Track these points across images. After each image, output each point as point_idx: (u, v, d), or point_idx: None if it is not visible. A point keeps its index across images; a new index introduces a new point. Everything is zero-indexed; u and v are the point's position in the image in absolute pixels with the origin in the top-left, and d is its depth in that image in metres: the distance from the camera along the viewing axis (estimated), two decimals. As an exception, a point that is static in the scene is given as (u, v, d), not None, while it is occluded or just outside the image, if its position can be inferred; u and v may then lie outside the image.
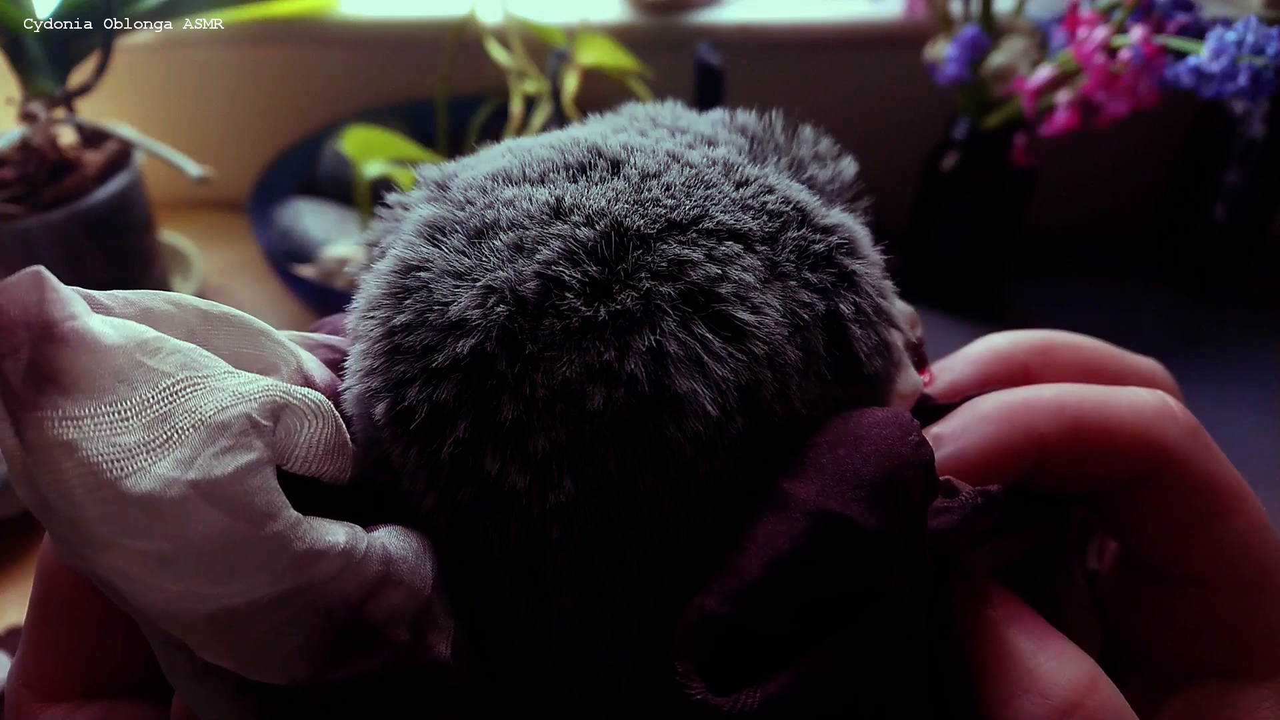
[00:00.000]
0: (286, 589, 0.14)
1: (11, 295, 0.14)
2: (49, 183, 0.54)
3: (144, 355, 0.14)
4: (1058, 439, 0.18)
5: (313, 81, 0.72)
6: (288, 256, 0.59)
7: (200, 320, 0.16)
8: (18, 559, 0.49)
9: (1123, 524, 0.19)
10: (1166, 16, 0.48)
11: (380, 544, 0.16)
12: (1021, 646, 0.17)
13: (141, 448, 0.13)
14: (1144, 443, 0.17)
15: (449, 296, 0.17)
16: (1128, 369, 0.21)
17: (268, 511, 0.14)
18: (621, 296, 0.17)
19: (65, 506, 0.13)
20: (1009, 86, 0.54)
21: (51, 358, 0.13)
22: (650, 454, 0.16)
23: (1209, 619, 0.18)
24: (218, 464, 0.14)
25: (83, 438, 0.13)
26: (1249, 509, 0.18)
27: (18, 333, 0.13)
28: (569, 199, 0.18)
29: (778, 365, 0.17)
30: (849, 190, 0.22)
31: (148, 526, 0.13)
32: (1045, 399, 0.18)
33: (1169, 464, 0.17)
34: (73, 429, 0.13)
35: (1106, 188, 0.73)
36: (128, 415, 0.14)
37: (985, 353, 0.21)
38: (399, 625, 0.15)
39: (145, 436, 0.13)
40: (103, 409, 0.13)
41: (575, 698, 0.18)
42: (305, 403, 0.16)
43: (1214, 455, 0.18)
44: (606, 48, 0.59)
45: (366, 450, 0.18)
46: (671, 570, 0.17)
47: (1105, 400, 0.18)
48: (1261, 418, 0.59)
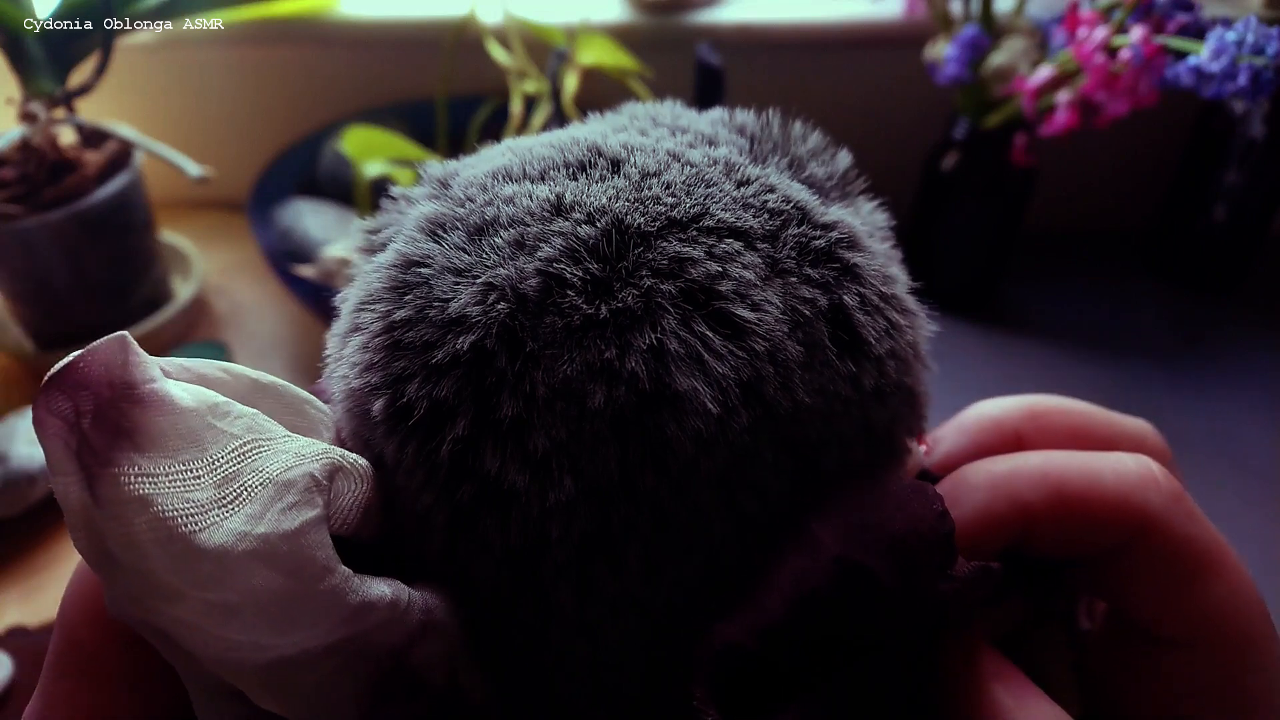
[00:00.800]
0: (338, 639, 0.15)
1: (96, 357, 0.14)
2: (49, 183, 0.54)
3: (215, 418, 0.15)
4: (1043, 507, 0.18)
5: (313, 81, 0.72)
6: (288, 256, 0.59)
7: (250, 388, 0.17)
8: (18, 559, 0.49)
9: (1108, 586, 0.19)
10: (1166, 16, 0.48)
11: (420, 596, 0.16)
12: (1003, 702, 0.17)
13: (213, 504, 0.14)
14: (1126, 509, 0.18)
15: (449, 293, 0.17)
16: (1117, 432, 0.22)
17: (327, 566, 0.15)
18: (623, 294, 0.17)
19: (134, 559, 0.13)
20: (1009, 86, 0.54)
21: (131, 417, 0.14)
22: (651, 453, 0.16)
23: (1192, 681, 0.19)
24: (284, 519, 0.14)
25: (157, 494, 0.14)
26: (1231, 573, 0.18)
27: (100, 392, 0.14)
28: (570, 196, 0.18)
29: (779, 360, 0.17)
30: (847, 183, 0.22)
31: (219, 579, 0.14)
32: (1030, 467, 0.19)
33: (1151, 529, 0.18)
34: (148, 485, 0.14)
35: (1106, 188, 0.73)
36: (200, 474, 0.14)
37: (977, 422, 0.22)
38: (437, 672, 0.16)
39: (216, 494, 0.14)
40: (176, 467, 0.14)
41: (575, 696, 0.18)
42: (355, 466, 0.17)
43: (1196, 520, 0.18)
44: (606, 48, 0.59)
45: (358, 449, 0.18)
46: (672, 569, 0.17)
47: (1089, 468, 0.19)
48: (1261, 418, 0.59)
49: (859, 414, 0.18)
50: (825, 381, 0.18)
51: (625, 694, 0.18)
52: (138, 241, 0.59)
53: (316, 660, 0.15)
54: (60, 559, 0.49)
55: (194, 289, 0.64)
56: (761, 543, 0.17)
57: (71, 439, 0.14)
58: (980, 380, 0.60)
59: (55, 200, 0.54)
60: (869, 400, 0.18)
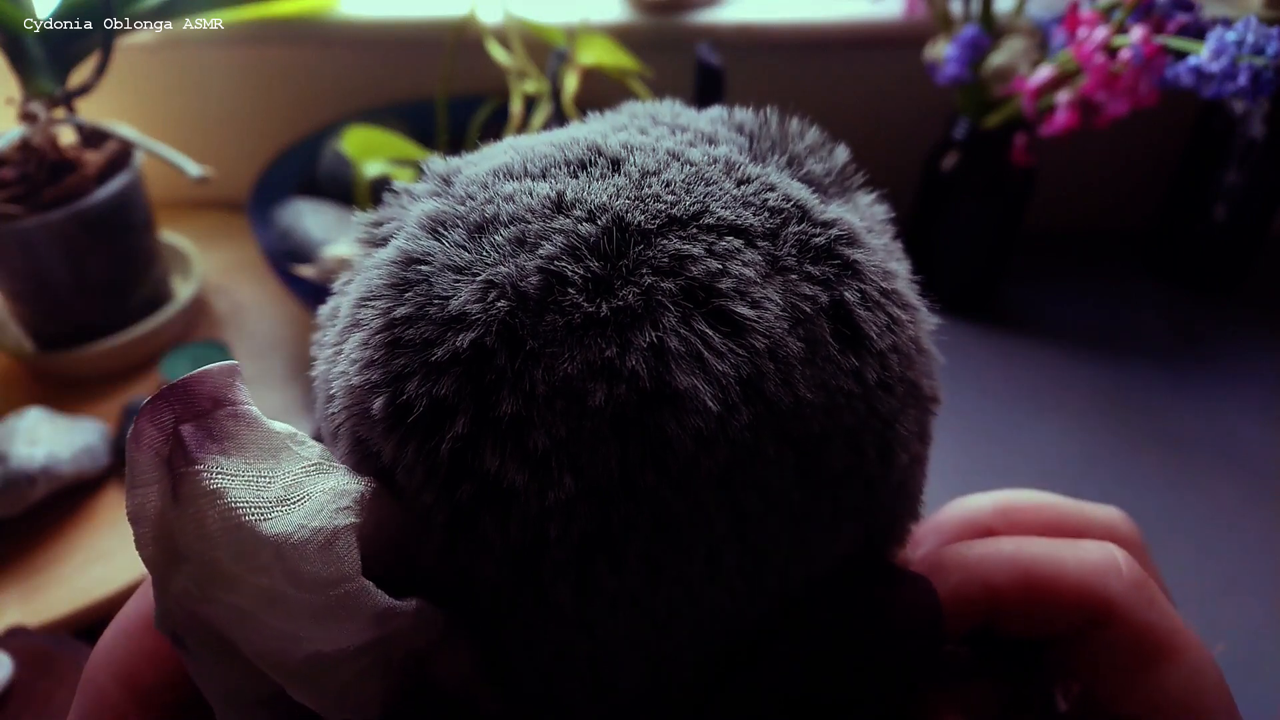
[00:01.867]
0: (368, 640, 0.16)
1: (209, 375, 0.17)
2: (49, 183, 0.54)
3: (294, 444, 0.17)
4: (1010, 590, 0.20)
5: (313, 81, 0.72)
6: (288, 256, 0.59)
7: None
8: (18, 559, 0.49)
9: (1075, 667, 0.20)
10: (1166, 16, 0.48)
11: (443, 612, 0.18)
12: None
13: (279, 502, 0.16)
14: (1088, 594, 0.19)
15: (449, 290, 0.17)
16: (1088, 521, 0.23)
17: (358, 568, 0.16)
18: (623, 292, 0.17)
19: (203, 548, 0.15)
20: (1009, 86, 0.54)
21: (226, 428, 0.16)
22: (651, 451, 0.16)
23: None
24: (337, 518, 0.16)
25: (230, 487, 0.16)
26: (1192, 658, 0.19)
27: (203, 404, 0.16)
28: (570, 194, 0.18)
29: (779, 357, 0.17)
30: (845, 179, 0.22)
31: (273, 564, 0.15)
32: (1000, 553, 0.20)
33: (1112, 614, 0.19)
34: (225, 480, 0.16)
35: (1106, 188, 0.73)
36: (272, 480, 0.16)
37: (953, 521, 0.24)
38: (456, 682, 0.18)
39: (283, 494, 0.16)
40: (253, 472, 0.16)
41: (574, 693, 0.18)
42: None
43: (1157, 606, 0.19)
44: (606, 48, 0.59)
45: (354, 447, 0.18)
46: (673, 568, 0.17)
47: (1054, 554, 0.20)
48: (1261, 418, 0.59)
49: (863, 408, 0.18)
50: (827, 377, 0.18)
51: (624, 690, 0.18)
52: (138, 241, 0.59)
53: (348, 659, 0.16)
54: (60, 559, 0.49)
55: (194, 289, 0.64)
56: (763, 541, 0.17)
57: (165, 447, 0.16)
58: (980, 380, 0.60)
59: (55, 200, 0.54)
60: (873, 394, 0.18)
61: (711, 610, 0.18)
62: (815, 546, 0.18)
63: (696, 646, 0.18)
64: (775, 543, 0.18)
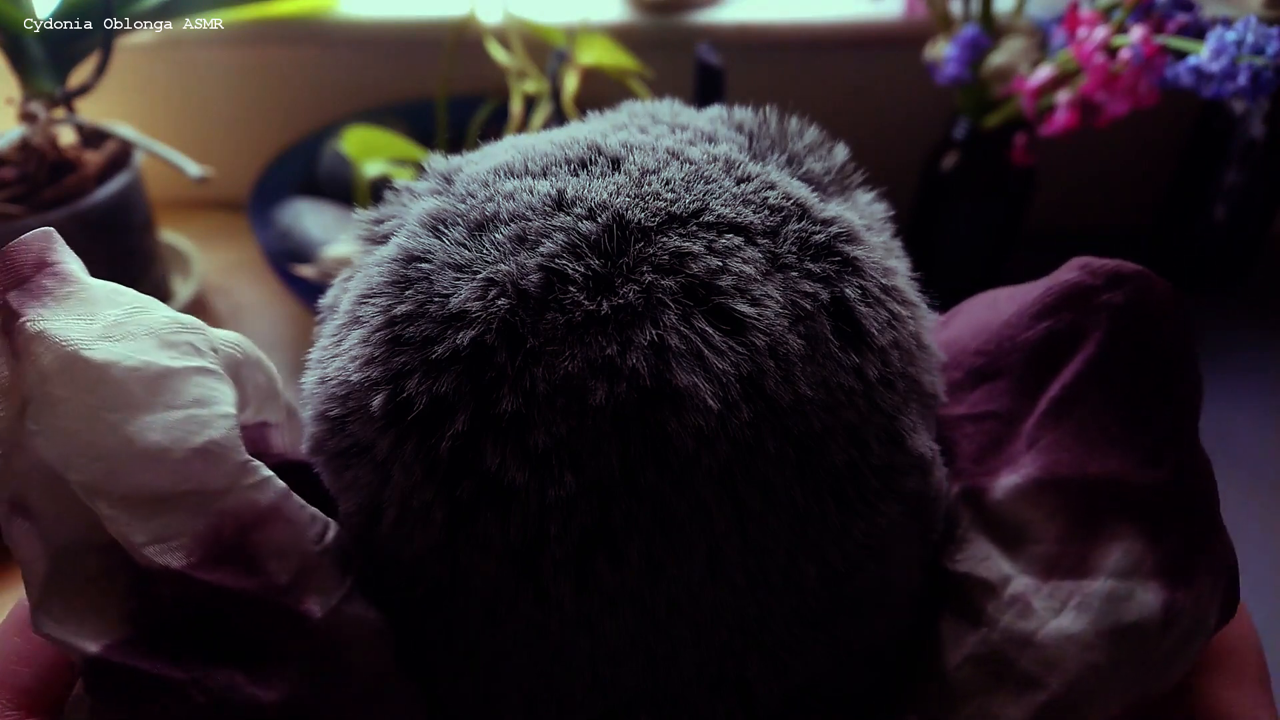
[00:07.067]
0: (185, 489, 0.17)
1: (28, 240, 0.19)
2: (49, 183, 0.54)
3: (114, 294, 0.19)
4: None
5: (313, 81, 0.72)
6: (288, 256, 0.59)
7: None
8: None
9: None
10: (1166, 16, 0.48)
11: (281, 483, 0.18)
12: None
13: (102, 336, 0.17)
14: None
15: (449, 289, 0.17)
16: None
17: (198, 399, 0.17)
18: (624, 290, 0.17)
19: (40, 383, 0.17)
20: (1009, 86, 0.54)
21: (44, 284, 0.18)
22: (651, 449, 0.16)
23: None
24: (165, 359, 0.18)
25: (52, 328, 0.17)
26: None
27: (26, 271, 0.18)
28: (571, 192, 0.18)
29: (780, 354, 0.17)
30: (845, 177, 0.22)
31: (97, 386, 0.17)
32: None
33: None
34: (46, 323, 0.17)
35: (1106, 188, 0.73)
36: (94, 320, 0.18)
37: None
38: (279, 567, 0.18)
39: (105, 331, 0.18)
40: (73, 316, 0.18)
41: (573, 688, 0.18)
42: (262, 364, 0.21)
43: None
44: (606, 48, 0.59)
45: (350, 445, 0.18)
46: (673, 565, 0.17)
47: None
48: (1262, 417, 0.59)
49: (865, 404, 0.18)
50: (828, 374, 0.18)
51: (623, 686, 0.18)
52: (138, 241, 0.59)
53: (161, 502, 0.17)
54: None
55: (194, 289, 0.64)
56: (764, 538, 0.17)
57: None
58: (980, 380, 0.60)
59: (55, 200, 0.54)
60: (875, 390, 0.18)
61: (712, 608, 0.18)
62: (821, 542, 0.18)
63: (697, 644, 0.18)
64: (777, 540, 0.18)
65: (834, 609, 0.19)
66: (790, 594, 0.18)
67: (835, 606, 0.19)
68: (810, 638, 0.19)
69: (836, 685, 0.20)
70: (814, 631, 0.19)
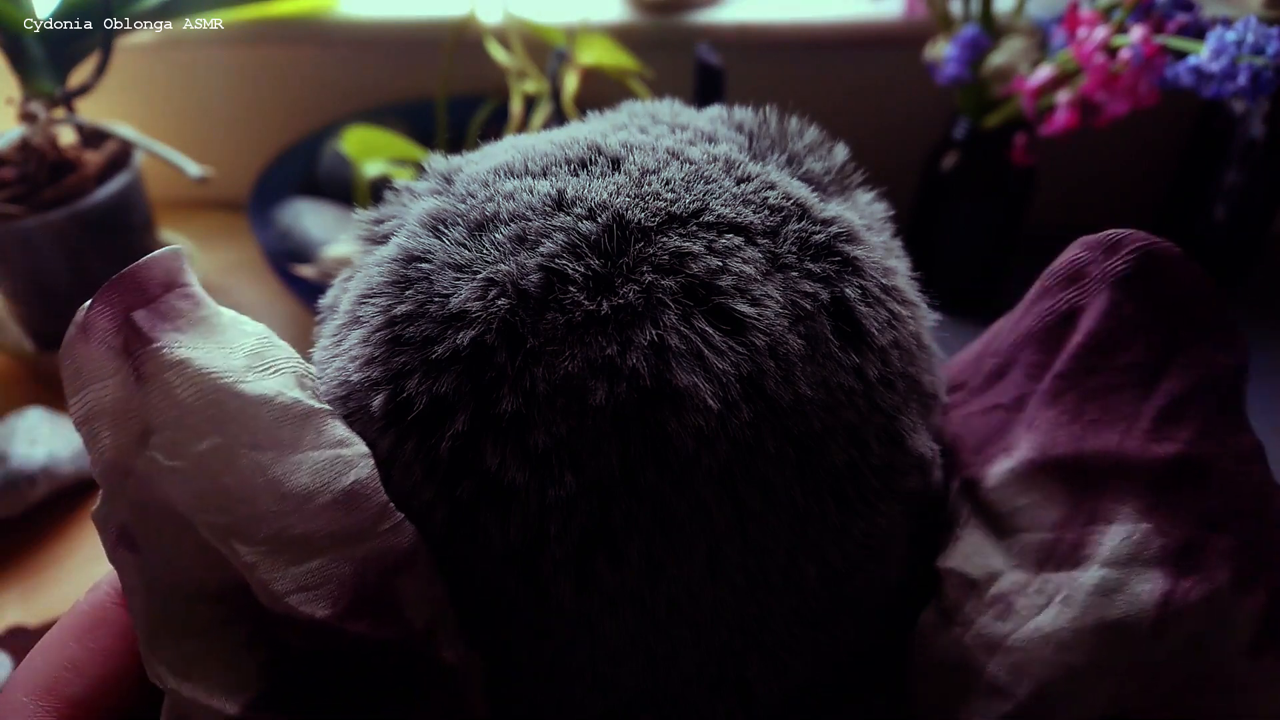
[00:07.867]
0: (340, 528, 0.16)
1: (158, 259, 0.17)
2: (49, 183, 0.54)
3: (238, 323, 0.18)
4: None
5: (313, 81, 0.72)
6: (287, 256, 0.59)
7: None
8: (18, 559, 0.49)
9: None
10: (1166, 16, 0.48)
11: (411, 526, 0.17)
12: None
13: (248, 369, 0.16)
14: None
15: (449, 289, 0.17)
16: None
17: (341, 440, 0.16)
18: (624, 290, 0.17)
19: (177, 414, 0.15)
20: (1009, 86, 0.54)
21: (175, 306, 0.17)
22: (652, 449, 0.16)
23: None
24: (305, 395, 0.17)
25: (195, 356, 0.16)
26: None
27: (155, 290, 0.17)
28: (571, 191, 0.18)
29: (780, 354, 0.17)
30: (845, 177, 0.22)
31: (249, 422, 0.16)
32: None
33: None
34: (186, 350, 0.16)
35: (1106, 188, 0.73)
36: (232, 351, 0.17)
37: None
38: (417, 612, 0.17)
39: (248, 363, 0.16)
40: (213, 345, 0.16)
41: (573, 688, 0.18)
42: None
43: None
44: (606, 48, 0.59)
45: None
46: (673, 564, 0.17)
47: None
48: (1262, 417, 0.58)
49: (865, 404, 0.18)
50: (828, 374, 0.18)
51: (623, 685, 0.18)
52: (138, 241, 0.59)
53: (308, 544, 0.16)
54: (60, 559, 0.49)
55: (194, 289, 0.64)
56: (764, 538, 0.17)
57: (117, 338, 0.16)
58: (980, 380, 0.60)
59: (55, 200, 0.54)
60: (875, 390, 0.18)
61: (712, 608, 0.18)
62: (821, 542, 0.18)
63: (697, 644, 0.18)
64: (777, 540, 0.18)
65: (834, 609, 0.19)
66: (790, 594, 0.18)
67: (835, 606, 0.19)
68: (810, 638, 0.19)
69: (836, 685, 0.20)
70: (814, 631, 0.19)
